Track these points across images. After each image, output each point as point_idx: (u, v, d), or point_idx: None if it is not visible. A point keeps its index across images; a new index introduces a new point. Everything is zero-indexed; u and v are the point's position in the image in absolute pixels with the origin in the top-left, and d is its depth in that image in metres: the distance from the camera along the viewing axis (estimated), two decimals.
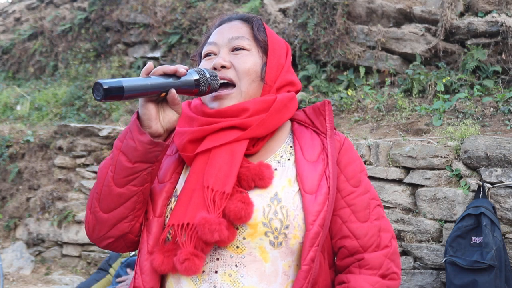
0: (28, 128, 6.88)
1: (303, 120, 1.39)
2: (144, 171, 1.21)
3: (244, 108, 1.27)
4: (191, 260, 1.17)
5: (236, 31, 1.36)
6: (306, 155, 1.30)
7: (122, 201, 1.23)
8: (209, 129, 1.27)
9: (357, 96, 5.18)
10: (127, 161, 1.20)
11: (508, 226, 3.34)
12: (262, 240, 1.21)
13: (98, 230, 1.28)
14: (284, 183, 1.26)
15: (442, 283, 3.52)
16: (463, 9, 5.25)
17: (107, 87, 1.07)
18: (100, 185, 1.25)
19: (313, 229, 1.21)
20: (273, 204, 1.22)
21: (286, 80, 1.37)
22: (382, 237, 1.30)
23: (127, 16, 7.75)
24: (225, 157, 1.24)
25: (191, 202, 1.22)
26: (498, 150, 3.42)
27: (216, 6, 7.00)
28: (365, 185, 1.33)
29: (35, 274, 5.67)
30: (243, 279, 1.21)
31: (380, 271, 1.27)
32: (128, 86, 1.10)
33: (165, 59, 7.27)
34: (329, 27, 5.58)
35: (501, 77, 4.74)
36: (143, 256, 1.26)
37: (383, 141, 4.01)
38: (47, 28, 8.70)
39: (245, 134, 1.26)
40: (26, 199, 6.23)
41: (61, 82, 8.08)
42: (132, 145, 1.19)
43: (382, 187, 3.81)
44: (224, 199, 1.20)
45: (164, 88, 1.17)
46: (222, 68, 1.31)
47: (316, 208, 1.22)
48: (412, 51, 5.22)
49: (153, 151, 1.20)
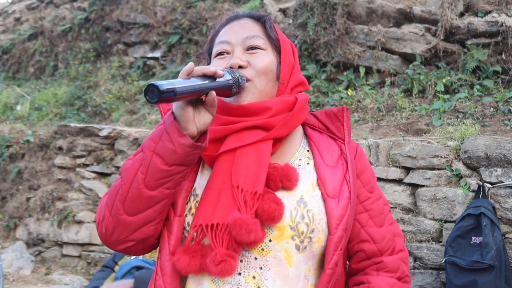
0: (28, 128, 6.88)
1: (316, 125, 1.39)
2: (179, 173, 1.18)
3: (267, 107, 1.26)
4: (228, 261, 1.15)
5: (249, 30, 1.34)
6: (325, 160, 1.30)
7: (152, 204, 1.19)
8: (232, 128, 1.25)
9: (357, 96, 5.18)
10: (163, 163, 1.15)
11: (508, 226, 3.35)
12: (288, 244, 1.21)
13: (118, 233, 1.23)
14: (308, 187, 1.26)
15: (442, 283, 3.52)
16: (463, 9, 5.25)
17: (162, 89, 1.05)
18: (126, 187, 1.19)
19: (337, 233, 1.22)
20: (300, 208, 1.22)
21: (297, 80, 1.38)
22: (396, 241, 1.36)
23: (127, 16, 7.75)
24: (252, 157, 1.23)
25: (219, 202, 1.20)
26: (498, 150, 3.42)
27: (216, 6, 7.00)
28: (378, 191, 1.37)
29: (35, 274, 5.67)
30: (267, 282, 1.20)
31: (397, 274, 1.32)
32: (179, 88, 1.08)
33: (165, 59, 7.28)
34: (329, 27, 5.59)
35: (501, 77, 4.74)
36: (164, 256, 1.23)
37: (383, 141, 4.01)
38: (47, 28, 8.70)
39: (270, 134, 1.25)
40: (26, 199, 6.23)
41: (61, 82, 8.08)
42: (171, 148, 1.14)
43: (382, 187, 3.81)
44: (256, 199, 1.18)
45: (206, 89, 1.16)
46: (239, 68, 1.29)
47: (340, 213, 1.23)
48: (412, 51, 5.22)
49: (193, 154, 1.16)
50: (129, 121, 6.70)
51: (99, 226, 1.26)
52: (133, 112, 6.93)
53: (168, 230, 1.24)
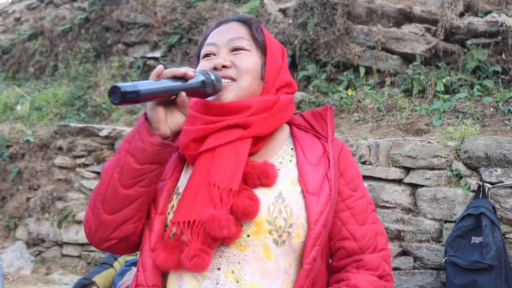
0: (28, 128, 6.88)
1: (302, 125, 1.41)
2: (152, 172, 1.23)
3: (247, 105, 1.29)
4: (200, 256, 1.19)
5: (235, 32, 1.38)
6: (308, 158, 1.32)
7: (128, 202, 1.24)
8: (213, 127, 1.28)
9: (357, 96, 5.18)
10: (135, 162, 1.21)
11: (508, 226, 3.35)
12: (266, 238, 1.23)
13: (101, 232, 1.28)
14: (287, 183, 1.28)
15: (442, 283, 3.52)
16: (463, 9, 5.25)
17: (124, 90, 1.09)
18: (105, 187, 1.25)
19: (315, 228, 1.23)
20: (278, 203, 1.24)
21: (284, 81, 1.39)
22: (378, 240, 1.34)
23: (127, 16, 7.75)
24: (230, 155, 1.26)
25: (197, 200, 1.23)
26: (498, 150, 3.42)
27: (216, 6, 7.00)
28: (362, 190, 1.37)
29: (35, 274, 5.67)
30: (245, 276, 1.23)
31: (378, 272, 1.30)
32: (144, 89, 1.12)
33: (165, 59, 7.28)
34: (329, 27, 5.58)
35: (501, 77, 4.74)
36: (145, 253, 1.27)
37: (383, 141, 4.01)
38: (47, 28, 8.70)
39: (248, 132, 1.28)
40: (26, 199, 6.23)
41: (61, 82, 8.08)
42: (141, 147, 1.20)
43: (382, 187, 3.81)
44: (231, 196, 1.21)
45: (176, 91, 1.19)
46: (223, 67, 1.32)
47: (319, 209, 1.25)
48: (412, 51, 5.22)
49: (163, 152, 1.21)
50: (129, 121, 6.70)
51: (85, 226, 1.32)
52: (133, 112, 6.93)
53: (149, 228, 1.28)
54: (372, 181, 3.85)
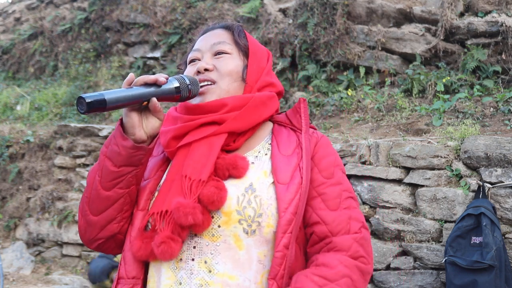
0: (28, 128, 6.88)
1: (283, 121, 1.46)
2: (129, 174, 1.30)
3: (223, 103, 1.35)
4: (167, 243, 1.23)
5: (218, 37, 1.46)
6: (282, 150, 1.37)
7: (110, 203, 1.31)
8: (191, 125, 1.34)
9: (357, 96, 5.18)
10: (112, 165, 1.29)
11: (508, 226, 3.35)
12: (236, 228, 1.26)
13: (89, 232, 1.36)
14: (259, 175, 1.32)
15: (442, 283, 3.52)
16: (463, 9, 5.25)
17: (90, 100, 1.15)
18: (89, 189, 1.34)
19: (285, 216, 1.26)
20: (247, 194, 1.28)
21: (266, 81, 1.45)
22: (351, 224, 1.31)
23: (127, 16, 7.75)
24: (204, 149, 1.32)
25: (170, 191, 1.29)
26: (498, 150, 3.42)
27: (216, 6, 7.00)
28: (339, 178, 1.36)
29: (35, 274, 5.67)
30: (217, 266, 1.26)
31: (349, 253, 1.27)
32: (110, 98, 1.18)
33: (165, 59, 7.28)
34: (329, 27, 5.58)
35: (501, 77, 4.74)
36: (126, 247, 1.34)
37: (383, 141, 4.01)
38: (47, 28, 8.70)
39: (222, 127, 1.33)
40: (26, 199, 6.23)
41: (61, 82, 8.08)
42: (116, 150, 1.28)
43: (382, 187, 3.81)
44: (200, 186, 1.26)
45: (145, 97, 1.25)
46: (205, 70, 1.39)
47: (289, 197, 1.27)
48: (412, 51, 5.22)
49: (136, 155, 1.28)
50: None
51: (78, 227, 1.41)
52: None
53: (131, 223, 1.35)
54: (372, 181, 3.85)
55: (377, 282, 3.73)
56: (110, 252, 1.43)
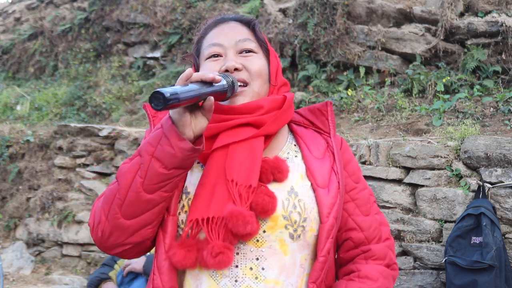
0: (28, 128, 6.88)
1: (301, 121, 1.43)
2: (178, 177, 1.21)
3: (259, 105, 1.30)
4: (225, 253, 1.18)
5: (240, 33, 1.37)
6: (313, 152, 1.35)
7: (150, 207, 1.21)
8: (224, 125, 1.28)
9: (357, 96, 5.18)
10: (161, 167, 1.18)
11: (508, 226, 3.35)
12: (282, 233, 1.24)
13: (116, 236, 1.24)
14: (297, 178, 1.30)
15: (442, 283, 3.52)
16: (463, 9, 5.25)
17: (168, 96, 1.07)
18: (124, 191, 1.21)
19: (328, 221, 1.26)
20: (291, 198, 1.26)
21: (282, 80, 1.42)
22: (382, 230, 1.37)
23: (127, 16, 7.75)
24: (245, 152, 1.26)
25: (214, 197, 1.22)
26: (498, 150, 3.42)
27: (216, 6, 7.00)
28: (364, 182, 1.41)
29: (35, 274, 5.67)
30: (264, 272, 1.23)
31: (385, 261, 1.34)
32: (182, 95, 1.11)
33: (165, 59, 7.28)
34: (329, 27, 5.58)
35: (501, 77, 4.74)
36: (160, 256, 1.25)
37: (383, 141, 4.01)
38: (47, 28, 8.70)
39: (261, 131, 1.29)
40: (26, 199, 6.23)
41: (61, 82, 8.08)
42: (170, 152, 1.16)
43: (382, 187, 3.81)
44: (251, 192, 1.21)
45: (206, 95, 1.18)
46: (235, 70, 1.32)
47: (330, 201, 1.27)
48: (412, 51, 5.22)
49: (192, 157, 1.19)
50: (129, 121, 6.70)
51: (94, 230, 1.27)
52: (133, 112, 6.93)
53: (163, 230, 1.26)
54: (372, 181, 3.85)
55: None
56: (129, 257, 1.35)
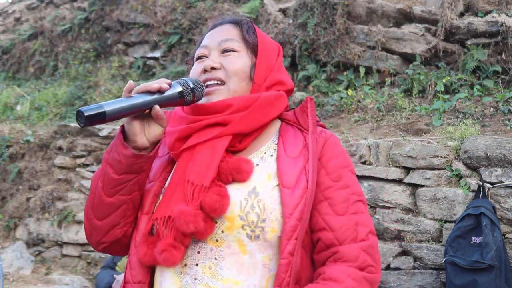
0: (28, 128, 6.87)
1: (291, 119, 1.42)
2: (130, 181, 1.28)
3: (228, 104, 1.31)
4: (169, 251, 1.22)
5: (226, 33, 1.41)
6: (288, 152, 1.33)
7: (113, 209, 1.30)
8: (195, 126, 1.31)
9: (357, 96, 5.18)
10: (114, 173, 1.27)
11: (508, 226, 3.35)
12: (240, 233, 1.24)
13: (94, 236, 1.36)
14: (263, 178, 1.29)
15: (442, 283, 3.52)
16: (463, 9, 5.25)
17: (89, 114, 1.13)
18: (92, 195, 1.32)
19: (289, 222, 1.22)
20: (251, 198, 1.25)
21: (275, 79, 1.40)
22: (359, 231, 1.28)
23: (127, 16, 7.75)
24: (207, 152, 1.29)
25: (173, 197, 1.27)
26: (498, 150, 3.42)
27: (216, 6, 7.00)
28: (347, 180, 1.32)
29: (35, 274, 5.67)
30: (222, 271, 1.24)
31: (356, 263, 1.25)
32: (110, 110, 1.16)
33: (165, 59, 7.28)
34: (329, 27, 5.58)
35: (501, 77, 4.74)
36: (131, 251, 1.33)
37: (383, 141, 4.01)
38: (47, 28, 8.70)
39: (226, 129, 1.30)
40: (26, 199, 6.23)
41: (61, 82, 8.08)
42: (117, 158, 1.26)
43: (382, 187, 3.81)
44: (202, 192, 1.24)
45: (147, 106, 1.22)
46: (212, 69, 1.35)
47: (294, 202, 1.24)
48: (412, 51, 5.22)
49: (137, 163, 1.26)
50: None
51: (84, 230, 1.40)
52: None
53: (136, 227, 1.33)
54: (372, 181, 3.85)
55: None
56: (116, 254, 1.43)
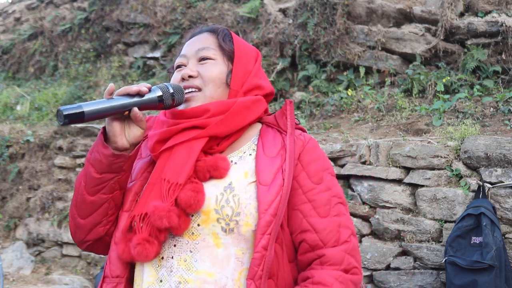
0: (28, 128, 6.87)
1: (271, 122, 1.47)
2: (111, 180, 1.33)
3: (205, 109, 1.37)
4: (142, 245, 1.27)
5: (203, 42, 1.47)
6: (266, 151, 1.38)
7: (95, 208, 1.36)
8: (174, 129, 1.37)
9: (357, 96, 5.18)
10: (95, 172, 1.33)
11: (508, 226, 3.35)
12: (215, 227, 1.29)
13: (78, 234, 1.41)
14: (240, 175, 1.35)
15: (442, 283, 3.52)
16: (463, 9, 5.25)
17: (67, 113, 1.18)
18: (76, 194, 1.38)
19: (264, 217, 1.27)
20: (226, 193, 1.31)
21: (253, 84, 1.45)
22: (341, 232, 1.34)
23: (127, 16, 7.74)
24: (184, 152, 1.34)
25: (150, 195, 1.32)
26: (498, 150, 3.42)
27: (216, 6, 7.00)
28: (328, 183, 1.38)
29: (35, 274, 5.67)
30: (196, 263, 1.29)
31: (342, 266, 1.31)
32: (88, 110, 1.21)
33: (165, 59, 7.28)
34: (329, 27, 5.58)
35: (501, 77, 4.74)
36: (111, 247, 1.37)
37: (383, 141, 4.01)
38: (47, 28, 8.69)
39: (203, 132, 1.35)
40: (26, 199, 6.23)
41: (61, 82, 8.08)
42: (98, 158, 1.32)
43: (382, 187, 3.81)
44: (177, 189, 1.29)
45: (126, 108, 1.27)
46: (190, 77, 1.41)
47: (269, 198, 1.29)
48: (412, 51, 5.22)
49: (117, 163, 1.31)
50: None
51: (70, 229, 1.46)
52: None
53: (116, 224, 1.39)
54: (372, 181, 3.85)
55: (377, 282, 3.73)
56: (100, 253, 1.48)
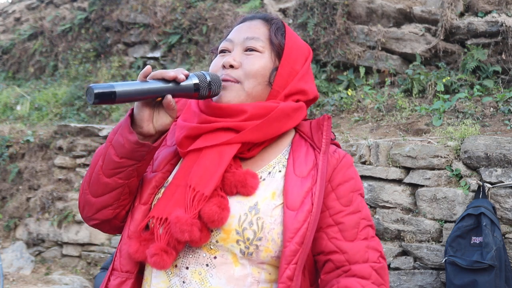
0: (28, 128, 6.87)
1: (306, 133, 1.35)
2: (130, 167, 1.25)
3: (242, 109, 1.26)
4: (160, 255, 1.19)
5: (253, 31, 1.34)
6: (297, 170, 1.27)
7: (108, 190, 1.28)
8: (206, 128, 1.26)
9: (357, 96, 5.18)
10: (115, 154, 1.24)
11: (508, 226, 3.35)
12: (233, 247, 1.21)
13: (86, 210, 1.34)
14: (267, 195, 1.24)
15: (442, 283, 3.52)
16: (463, 9, 5.24)
17: (98, 91, 1.09)
18: (91, 171, 1.30)
19: (289, 246, 1.18)
20: (250, 214, 1.21)
21: (297, 88, 1.33)
22: (370, 253, 1.26)
23: (127, 16, 7.75)
24: (214, 158, 1.24)
25: (173, 198, 1.23)
26: (498, 150, 3.42)
27: (216, 6, 7.00)
28: (357, 205, 1.29)
29: (35, 274, 5.67)
30: (211, 279, 1.22)
31: (370, 280, 1.23)
32: (121, 91, 1.12)
33: (165, 59, 7.28)
34: (329, 27, 5.58)
35: (501, 77, 4.74)
36: (123, 240, 1.30)
37: (383, 141, 4.01)
38: (47, 28, 8.69)
39: (237, 137, 1.25)
40: (26, 199, 6.23)
41: (61, 82, 8.08)
42: (121, 142, 1.23)
43: (382, 187, 3.81)
44: (202, 200, 1.20)
45: (160, 93, 1.18)
46: (230, 67, 1.29)
47: (296, 226, 1.19)
48: (412, 51, 5.22)
49: (139, 151, 1.23)
50: None
51: (78, 203, 1.38)
52: None
53: (131, 216, 1.30)
54: (372, 181, 3.85)
55: None
56: (106, 232, 1.42)
